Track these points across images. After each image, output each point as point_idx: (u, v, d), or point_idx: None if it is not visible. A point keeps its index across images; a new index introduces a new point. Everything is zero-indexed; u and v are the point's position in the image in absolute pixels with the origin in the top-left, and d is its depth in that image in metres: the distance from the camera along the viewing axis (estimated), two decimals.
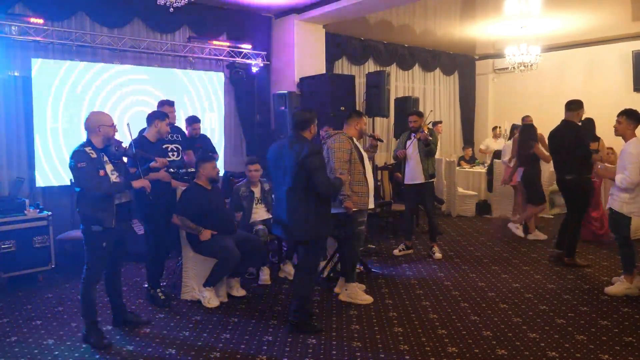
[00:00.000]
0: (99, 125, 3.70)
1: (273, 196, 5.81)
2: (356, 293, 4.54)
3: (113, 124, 3.79)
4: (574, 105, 5.54)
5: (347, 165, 4.38)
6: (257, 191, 5.34)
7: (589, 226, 6.44)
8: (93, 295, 3.77)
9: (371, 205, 4.62)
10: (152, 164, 4.14)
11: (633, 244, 4.67)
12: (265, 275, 5.13)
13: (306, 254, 4.01)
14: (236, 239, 4.64)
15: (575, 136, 5.39)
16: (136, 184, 3.80)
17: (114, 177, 3.72)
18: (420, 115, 6.09)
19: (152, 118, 4.51)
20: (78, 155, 3.60)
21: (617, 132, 4.66)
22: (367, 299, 4.56)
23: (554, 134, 5.58)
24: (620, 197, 4.52)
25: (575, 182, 5.33)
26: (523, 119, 7.24)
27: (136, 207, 4.25)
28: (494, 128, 10.06)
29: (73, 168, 3.61)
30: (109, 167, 3.72)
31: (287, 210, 3.85)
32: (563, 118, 5.56)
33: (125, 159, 4.00)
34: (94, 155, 3.64)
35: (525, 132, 6.57)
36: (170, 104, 5.27)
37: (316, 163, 3.72)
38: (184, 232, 4.72)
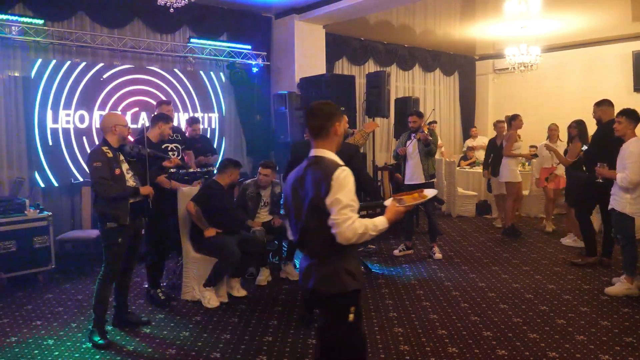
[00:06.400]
0: (114, 125, 3.82)
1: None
2: None
3: (127, 124, 3.94)
4: (606, 103, 5.37)
5: None
6: (265, 194, 5.32)
7: None
8: (108, 293, 3.86)
9: None
10: (165, 162, 4.25)
11: (636, 245, 4.67)
12: (261, 276, 5.13)
13: None
14: (237, 239, 4.66)
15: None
16: (143, 190, 3.88)
17: (129, 176, 3.83)
18: (420, 115, 6.09)
19: (156, 120, 4.61)
20: (95, 155, 3.73)
21: (618, 132, 4.63)
22: None
23: (606, 137, 5.17)
24: (623, 198, 4.51)
25: None
26: (513, 117, 7.25)
27: None
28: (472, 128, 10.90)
29: (89, 167, 3.73)
30: (124, 166, 3.83)
31: None
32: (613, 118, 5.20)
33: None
34: (111, 155, 3.75)
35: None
36: (167, 103, 5.42)
37: (360, 162, 3.75)
38: (184, 232, 4.73)
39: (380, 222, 2.26)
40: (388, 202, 2.44)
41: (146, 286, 4.75)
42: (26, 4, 5.98)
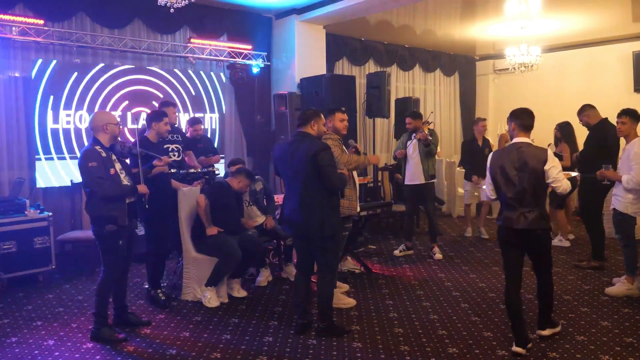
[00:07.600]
0: (105, 124, 3.76)
1: (277, 195, 5.75)
2: (338, 298, 4.38)
3: (118, 122, 3.89)
4: (588, 107, 5.40)
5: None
6: (244, 193, 5.20)
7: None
8: (109, 295, 3.87)
9: (357, 209, 4.55)
10: (156, 162, 4.19)
11: (636, 245, 4.67)
12: (261, 277, 5.13)
13: (325, 252, 3.84)
14: (238, 239, 4.67)
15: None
16: (141, 189, 3.85)
17: (122, 176, 3.80)
18: (415, 116, 6.08)
19: (149, 120, 4.60)
20: (89, 155, 3.65)
21: (622, 133, 4.57)
22: (350, 302, 4.52)
23: (597, 139, 5.30)
24: (624, 198, 4.49)
25: None
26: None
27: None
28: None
29: (83, 167, 3.63)
30: (117, 166, 3.79)
31: (301, 210, 3.74)
32: (602, 118, 5.32)
33: (127, 160, 4.04)
34: (104, 154, 3.70)
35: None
36: (172, 104, 5.34)
37: (326, 159, 3.68)
38: (185, 233, 4.73)
39: (568, 184, 3.52)
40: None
41: (146, 287, 4.75)
42: (26, 4, 5.98)
